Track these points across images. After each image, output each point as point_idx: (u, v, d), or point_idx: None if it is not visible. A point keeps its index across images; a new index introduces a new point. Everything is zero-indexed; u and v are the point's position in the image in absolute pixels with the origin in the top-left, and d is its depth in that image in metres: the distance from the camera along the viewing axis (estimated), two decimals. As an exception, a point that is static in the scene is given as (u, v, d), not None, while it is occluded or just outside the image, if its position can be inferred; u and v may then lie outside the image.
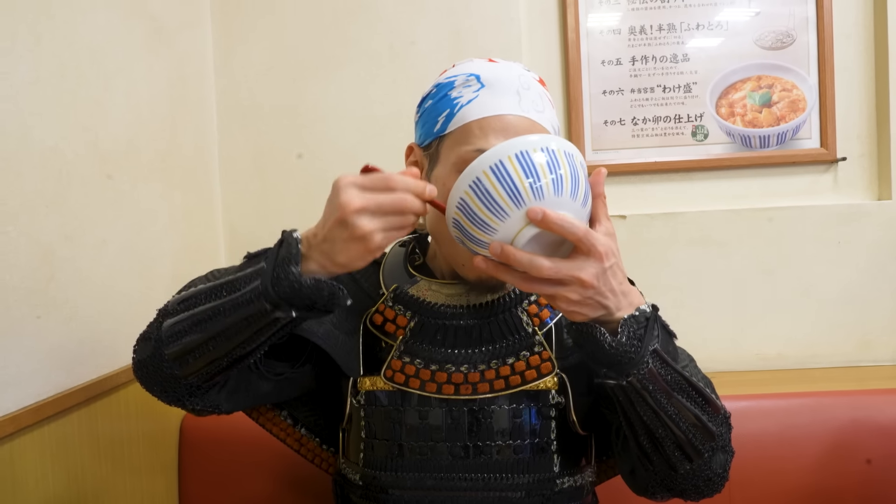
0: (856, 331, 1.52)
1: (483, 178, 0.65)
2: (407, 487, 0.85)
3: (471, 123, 0.80)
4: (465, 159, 0.78)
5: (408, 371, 0.85)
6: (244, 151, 1.55)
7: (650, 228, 1.52)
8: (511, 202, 0.65)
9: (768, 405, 1.26)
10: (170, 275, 1.29)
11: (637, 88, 1.54)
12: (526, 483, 0.84)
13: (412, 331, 0.87)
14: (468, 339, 0.86)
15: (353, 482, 0.89)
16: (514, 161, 0.65)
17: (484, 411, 0.84)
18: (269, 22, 1.54)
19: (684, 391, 0.73)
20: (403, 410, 0.86)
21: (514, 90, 0.80)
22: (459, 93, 0.82)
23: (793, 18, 1.52)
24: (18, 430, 0.85)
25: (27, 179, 0.90)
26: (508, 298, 0.87)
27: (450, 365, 0.84)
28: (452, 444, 0.84)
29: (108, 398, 1.06)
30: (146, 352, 0.78)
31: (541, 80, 0.86)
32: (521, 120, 0.79)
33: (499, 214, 0.65)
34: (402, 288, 0.89)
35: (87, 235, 1.03)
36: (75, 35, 1.02)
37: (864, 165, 1.54)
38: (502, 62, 0.85)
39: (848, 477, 1.20)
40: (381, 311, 0.89)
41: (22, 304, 0.88)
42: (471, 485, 0.84)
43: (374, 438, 0.87)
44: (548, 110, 0.83)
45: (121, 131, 1.13)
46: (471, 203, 0.66)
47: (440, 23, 1.51)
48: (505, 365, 0.84)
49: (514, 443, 0.84)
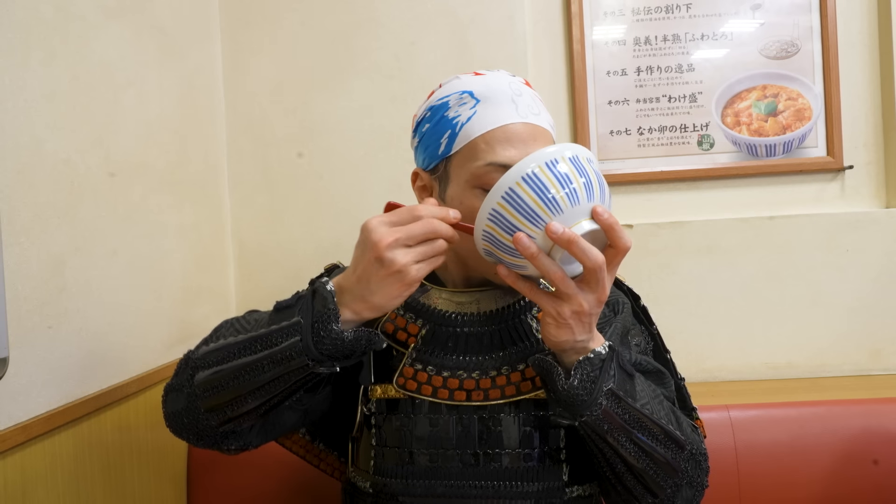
0: (866, 339, 1.51)
1: (517, 188, 0.68)
2: (417, 495, 0.85)
3: (476, 140, 0.81)
4: (477, 175, 0.80)
5: (420, 378, 0.86)
6: (253, 164, 1.57)
7: (657, 237, 1.52)
8: (550, 209, 0.67)
9: (778, 414, 1.25)
10: (179, 286, 1.30)
11: (643, 98, 1.55)
12: (535, 491, 0.84)
13: (424, 338, 0.87)
14: (479, 346, 0.86)
15: (363, 490, 0.90)
16: (545, 170, 0.68)
17: (494, 419, 0.85)
18: (278, 36, 1.56)
19: (644, 428, 0.76)
20: (414, 418, 0.86)
21: (508, 99, 0.82)
22: (457, 112, 0.83)
23: (797, 28, 1.53)
24: (29, 440, 0.86)
25: (40, 192, 0.91)
26: (518, 306, 0.88)
27: (461, 371, 0.85)
28: (463, 452, 0.85)
29: (117, 408, 1.06)
30: (180, 404, 0.81)
31: (526, 82, 0.87)
32: (522, 126, 0.81)
33: (534, 221, 0.68)
34: (414, 297, 0.90)
35: (98, 247, 1.04)
36: (88, 50, 1.04)
37: (872, 173, 1.54)
38: (489, 73, 0.86)
39: (859, 486, 1.19)
40: (393, 319, 0.90)
41: (34, 314, 0.89)
42: (481, 492, 0.84)
43: (384, 446, 0.87)
44: (543, 111, 0.85)
45: (132, 144, 1.15)
46: (505, 213, 0.69)
47: (446, 36, 1.53)
48: (515, 371, 0.85)
49: (524, 451, 0.84)
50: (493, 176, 0.78)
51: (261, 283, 1.57)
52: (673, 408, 0.85)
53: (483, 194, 0.77)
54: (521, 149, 0.79)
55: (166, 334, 1.24)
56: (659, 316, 1.00)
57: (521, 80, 0.86)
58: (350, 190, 1.55)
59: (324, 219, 1.56)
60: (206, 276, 1.44)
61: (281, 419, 0.89)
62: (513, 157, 0.78)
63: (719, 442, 1.21)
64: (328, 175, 1.56)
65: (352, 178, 1.55)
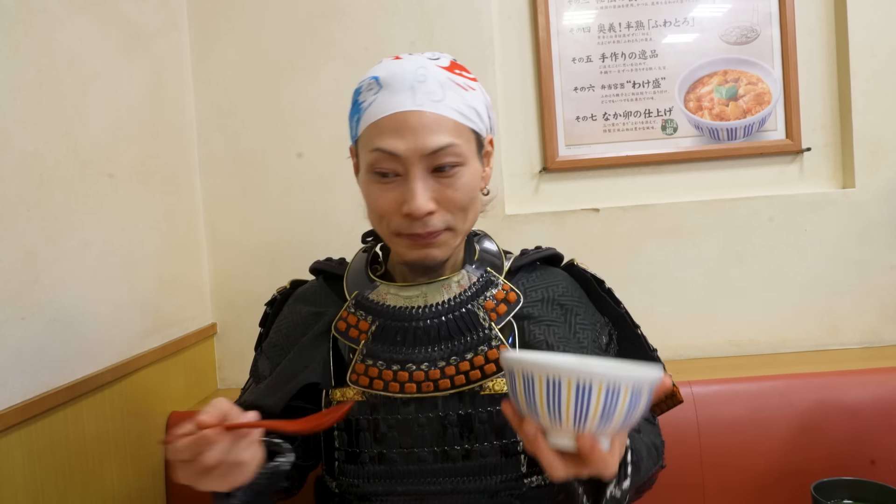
0: (824, 316, 1.56)
1: (536, 381, 0.63)
2: (379, 493, 0.87)
3: (370, 126, 0.82)
4: (370, 162, 0.82)
5: (371, 373, 0.87)
6: (223, 152, 1.57)
7: (623, 221, 1.56)
8: (556, 419, 0.64)
9: (739, 389, 1.30)
10: (153, 276, 1.31)
11: (608, 85, 1.58)
12: (494, 484, 0.86)
13: (373, 334, 0.88)
14: (427, 338, 0.87)
15: (331, 489, 0.92)
16: (572, 387, 0.62)
17: (449, 417, 0.86)
18: (245, 24, 1.56)
19: (636, 485, 0.82)
20: (372, 419, 0.88)
21: (408, 86, 0.81)
22: (364, 97, 0.84)
23: (757, 14, 1.56)
24: (6, 429, 0.87)
25: (8, 184, 0.92)
26: (465, 296, 0.89)
27: (410, 364, 0.86)
28: (420, 450, 0.86)
29: (93, 397, 1.08)
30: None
31: (452, 63, 0.86)
32: (415, 115, 0.80)
33: (540, 415, 0.65)
34: (363, 293, 0.92)
35: (70, 238, 1.05)
36: (53, 42, 1.04)
37: (829, 155, 1.59)
38: (406, 57, 0.85)
39: (814, 455, 1.24)
40: (345, 317, 0.91)
41: (6, 305, 0.90)
42: (441, 488, 0.86)
43: (346, 448, 0.89)
44: (451, 97, 0.82)
45: (101, 135, 1.15)
46: (517, 386, 0.65)
47: (413, 24, 1.54)
48: (464, 360, 0.86)
49: (481, 446, 0.86)
50: (382, 165, 0.81)
51: (234, 271, 1.58)
52: (650, 431, 0.92)
53: (377, 178, 0.82)
54: (408, 138, 0.80)
55: (140, 324, 1.26)
56: (625, 296, 1.03)
57: (443, 64, 0.85)
58: (321, 177, 1.56)
59: (294, 207, 1.58)
60: (179, 267, 1.44)
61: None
62: (398, 147, 0.79)
63: (682, 416, 1.25)
64: (298, 163, 1.57)
65: (323, 166, 1.57)
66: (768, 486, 1.24)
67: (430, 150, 0.80)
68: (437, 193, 0.82)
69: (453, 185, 0.82)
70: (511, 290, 0.91)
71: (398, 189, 0.82)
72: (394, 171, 0.82)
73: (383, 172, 0.82)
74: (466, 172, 0.84)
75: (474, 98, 0.85)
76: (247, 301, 1.58)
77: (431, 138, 0.80)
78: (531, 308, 0.91)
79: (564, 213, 1.56)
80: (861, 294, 1.55)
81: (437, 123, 0.81)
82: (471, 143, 0.85)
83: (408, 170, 0.81)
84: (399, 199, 0.82)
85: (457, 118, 0.82)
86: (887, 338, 1.55)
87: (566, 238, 1.55)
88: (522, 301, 0.91)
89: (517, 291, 0.91)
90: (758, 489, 1.25)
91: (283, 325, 0.98)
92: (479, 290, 0.90)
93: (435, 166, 0.81)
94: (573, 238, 1.55)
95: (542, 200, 1.61)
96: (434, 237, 0.84)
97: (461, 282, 0.90)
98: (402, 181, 0.82)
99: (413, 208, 0.80)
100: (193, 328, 1.47)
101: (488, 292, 0.90)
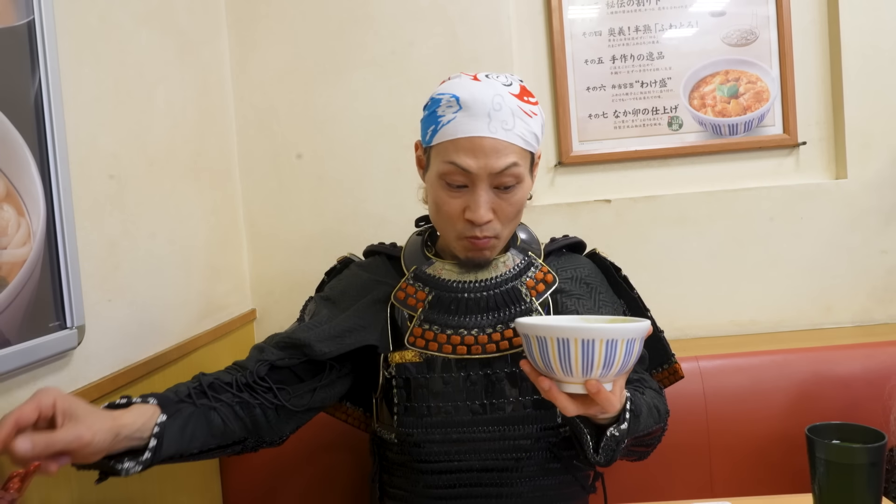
0: (819, 297, 1.68)
1: (548, 342, 0.77)
2: (436, 441, 1.02)
3: (448, 142, 0.95)
4: (443, 171, 0.96)
5: (427, 336, 1.01)
6: (261, 152, 1.69)
7: (633, 211, 1.68)
8: (566, 371, 0.78)
9: (741, 363, 1.42)
10: (204, 265, 1.43)
11: (618, 84, 1.70)
12: (534, 432, 1.01)
13: (430, 303, 1.03)
14: (476, 308, 1.02)
15: (389, 441, 1.06)
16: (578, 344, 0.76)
17: (496, 374, 1.01)
18: (280, 32, 1.67)
19: (639, 438, 0.95)
20: (429, 378, 1.02)
21: (485, 113, 0.94)
22: (443, 112, 0.96)
23: (755, 17, 1.68)
24: (101, 396, 0.99)
25: (96, 181, 1.04)
26: (510, 275, 1.04)
27: (462, 329, 1.01)
28: (472, 403, 1.01)
29: (163, 372, 1.20)
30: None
31: (522, 90, 0.98)
32: (488, 140, 0.94)
33: (552, 368, 0.79)
34: (421, 268, 1.06)
35: (141, 230, 1.17)
36: (125, 53, 1.15)
37: (823, 149, 1.71)
38: (484, 81, 0.97)
39: (811, 421, 1.34)
40: (404, 288, 1.06)
41: (97, 288, 1.02)
42: (489, 435, 1.01)
43: (405, 402, 1.03)
44: (519, 125, 0.95)
45: (162, 137, 1.27)
46: (533, 347, 0.80)
47: (437, 31, 1.65)
48: (508, 328, 1.01)
49: (522, 399, 1.01)
50: (454, 178, 0.95)
51: (272, 261, 1.70)
52: (654, 396, 1.02)
53: (447, 186, 0.96)
54: (480, 158, 0.93)
55: (196, 308, 1.38)
56: (635, 281, 1.16)
57: (514, 91, 0.97)
58: (351, 174, 1.68)
59: (327, 201, 1.70)
60: (225, 257, 1.57)
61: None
62: (471, 166, 0.93)
63: (690, 388, 1.37)
64: (331, 161, 1.68)
65: (353, 164, 1.68)
66: (767, 448, 1.36)
67: (497, 170, 0.94)
68: (496, 205, 0.97)
69: (509, 199, 0.97)
70: (549, 272, 1.06)
71: (463, 197, 0.96)
72: (463, 183, 0.95)
73: (455, 184, 0.96)
74: (521, 189, 0.98)
75: (535, 124, 0.98)
76: (283, 289, 1.70)
77: (499, 160, 0.94)
78: (564, 284, 1.06)
79: (579, 204, 1.68)
80: (853, 277, 1.67)
81: (506, 148, 0.94)
82: (527, 161, 0.99)
83: (475, 183, 0.95)
84: (463, 206, 0.97)
85: (521, 144, 0.96)
86: (877, 317, 1.68)
87: (580, 227, 1.67)
88: (558, 281, 1.05)
89: (553, 273, 1.06)
90: (758, 452, 1.36)
91: (341, 283, 1.13)
92: (521, 270, 1.05)
93: (496, 184, 0.95)
94: (587, 227, 1.67)
95: (557, 192, 1.73)
96: (487, 241, 0.99)
97: (506, 262, 1.05)
98: (468, 192, 0.96)
99: (476, 217, 0.95)
100: (237, 313, 1.60)
101: (529, 272, 1.05)
